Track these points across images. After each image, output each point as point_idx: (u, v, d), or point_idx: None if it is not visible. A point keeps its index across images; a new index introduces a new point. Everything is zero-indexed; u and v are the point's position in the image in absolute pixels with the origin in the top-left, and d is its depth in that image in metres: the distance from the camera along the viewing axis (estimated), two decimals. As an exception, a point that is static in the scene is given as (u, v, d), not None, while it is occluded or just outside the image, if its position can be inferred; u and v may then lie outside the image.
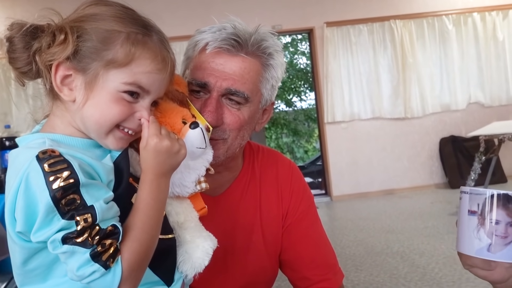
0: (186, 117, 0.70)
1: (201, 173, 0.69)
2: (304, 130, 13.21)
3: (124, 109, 0.61)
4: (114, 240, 0.54)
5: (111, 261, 0.53)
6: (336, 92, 5.35)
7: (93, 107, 0.60)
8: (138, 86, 0.61)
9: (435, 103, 5.47)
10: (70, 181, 0.53)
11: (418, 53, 5.42)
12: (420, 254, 2.78)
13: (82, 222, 0.52)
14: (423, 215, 3.89)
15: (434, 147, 5.51)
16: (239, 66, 0.80)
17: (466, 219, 0.61)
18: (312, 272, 0.92)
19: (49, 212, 0.52)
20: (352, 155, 5.41)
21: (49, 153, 0.54)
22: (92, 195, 0.54)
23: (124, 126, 0.62)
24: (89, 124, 0.61)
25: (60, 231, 0.52)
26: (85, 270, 0.52)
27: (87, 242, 0.52)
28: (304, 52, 12.57)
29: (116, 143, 0.63)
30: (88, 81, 0.60)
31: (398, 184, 5.40)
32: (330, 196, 5.43)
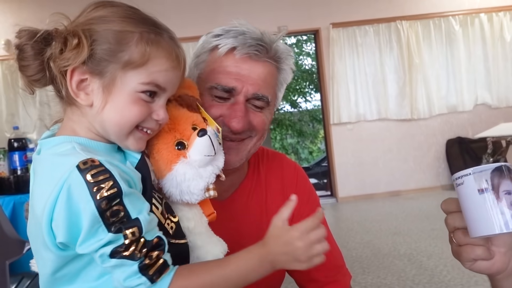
0: (196, 122, 0.70)
1: (211, 180, 0.68)
2: (309, 131, 13.20)
3: (143, 110, 0.60)
4: (161, 251, 0.55)
5: (157, 276, 0.54)
6: (342, 93, 5.34)
7: (113, 110, 0.60)
8: (155, 85, 0.61)
9: (441, 104, 5.45)
10: (113, 191, 0.53)
11: (424, 54, 5.41)
12: (427, 256, 2.76)
13: (130, 235, 0.53)
14: (430, 217, 3.87)
15: (441, 149, 5.49)
16: (262, 71, 0.80)
17: (477, 200, 0.59)
18: (320, 273, 0.91)
19: (94, 223, 0.52)
20: (357, 156, 5.40)
21: (90, 163, 0.53)
22: (134, 206, 0.55)
23: (143, 126, 0.62)
24: (109, 127, 0.61)
25: (107, 244, 0.52)
26: (132, 282, 0.53)
27: (135, 255, 0.53)
28: (309, 53, 12.56)
29: (136, 143, 0.63)
30: (106, 84, 0.59)
31: (404, 186, 5.39)
32: (335, 198, 5.42)
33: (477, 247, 0.62)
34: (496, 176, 0.58)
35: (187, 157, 0.66)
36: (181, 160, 0.66)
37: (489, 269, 0.64)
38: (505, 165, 0.59)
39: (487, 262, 0.63)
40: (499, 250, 0.63)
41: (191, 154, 0.66)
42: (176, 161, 0.66)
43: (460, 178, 0.61)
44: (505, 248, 0.63)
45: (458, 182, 0.61)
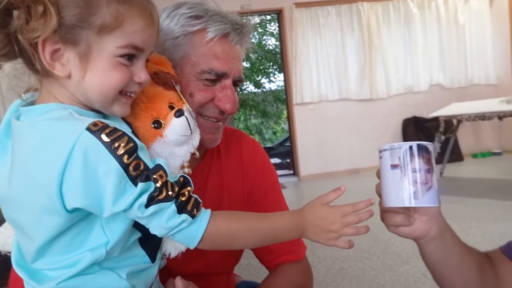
0: (173, 100, 0.70)
1: (186, 158, 0.69)
2: (272, 111, 13.26)
3: (124, 74, 0.59)
4: (190, 187, 0.59)
5: (195, 211, 0.57)
6: (305, 74, 5.40)
7: (93, 79, 0.57)
8: (133, 47, 0.58)
9: (399, 85, 5.65)
10: (130, 145, 0.54)
11: (383, 35, 5.54)
12: (382, 229, 2.85)
13: (159, 178, 0.55)
14: (386, 193, 4.05)
15: (398, 128, 5.71)
16: (240, 54, 0.84)
17: (390, 174, 0.65)
18: (277, 245, 0.94)
19: (121, 180, 0.52)
20: (319, 136, 5.52)
21: (100, 125, 0.53)
22: (147, 157, 0.56)
23: (126, 90, 0.61)
24: (93, 97, 0.59)
25: (141, 195, 0.53)
26: (174, 221, 0.56)
27: (169, 196, 0.55)
28: (273, 33, 12.51)
29: (121, 108, 0.62)
30: (82, 52, 0.56)
31: (363, 164, 5.58)
32: (298, 176, 5.54)
33: (397, 214, 0.69)
34: (408, 154, 0.64)
35: (164, 137, 0.66)
36: (158, 140, 0.66)
37: (410, 235, 0.70)
38: (418, 144, 0.64)
39: (408, 228, 0.69)
40: (420, 218, 0.69)
41: (168, 134, 0.66)
42: (153, 140, 0.66)
43: (381, 152, 0.66)
44: (427, 216, 0.69)
45: (380, 155, 0.67)
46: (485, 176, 4.51)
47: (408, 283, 2.09)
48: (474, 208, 3.26)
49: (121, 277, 0.61)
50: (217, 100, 0.81)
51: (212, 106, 0.81)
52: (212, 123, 0.83)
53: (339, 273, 2.29)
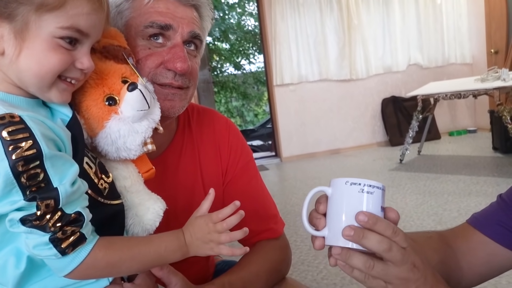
0: (126, 74, 0.66)
1: (147, 134, 0.66)
2: (253, 93, 13.19)
3: (63, 58, 0.55)
4: (77, 227, 0.52)
5: (70, 249, 0.52)
6: (284, 54, 5.35)
7: (29, 59, 0.53)
8: (76, 30, 0.55)
9: (378, 64, 5.68)
10: (32, 152, 0.48)
11: (362, 14, 5.53)
12: None
13: (43, 207, 0.49)
14: (366, 172, 4.14)
15: (377, 107, 5.77)
16: (191, 14, 0.79)
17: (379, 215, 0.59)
18: (254, 223, 0.91)
19: (7, 184, 0.48)
20: (300, 117, 5.53)
21: (8, 119, 0.48)
22: (57, 170, 0.51)
23: (66, 76, 0.57)
24: (27, 78, 0.55)
25: (19, 210, 0.49)
26: (41, 251, 0.51)
27: (47, 227, 0.50)
28: (252, 13, 12.33)
29: (60, 95, 0.58)
30: (18, 29, 0.52)
31: (344, 144, 5.65)
32: (280, 158, 5.56)
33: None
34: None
35: (119, 113, 0.63)
36: (113, 117, 0.62)
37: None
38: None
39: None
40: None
41: (123, 110, 0.63)
42: (108, 117, 0.62)
43: (373, 187, 0.59)
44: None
45: (370, 189, 0.59)
46: (461, 153, 4.63)
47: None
48: (450, 184, 3.36)
49: None
50: (166, 61, 0.76)
51: (164, 71, 0.76)
52: (167, 89, 0.77)
53: (321, 251, 2.33)
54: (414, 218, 2.67)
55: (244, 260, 0.91)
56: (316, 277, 2.07)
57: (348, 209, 0.58)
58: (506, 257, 0.74)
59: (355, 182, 0.59)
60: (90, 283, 0.60)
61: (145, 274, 0.67)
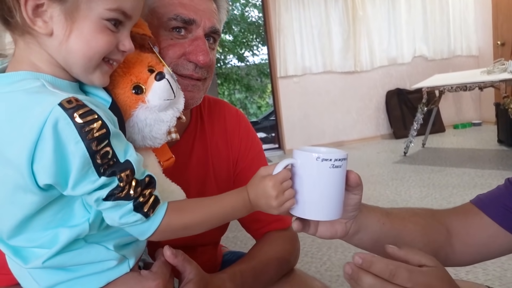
0: (152, 63, 0.66)
1: (172, 123, 0.67)
2: (257, 85, 13.14)
3: (110, 39, 0.56)
4: (153, 188, 0.57)
5: (151, 211, 0.56)
6: (288, 46, 5.32)
7: (79, 40, 0.54)
8: (121, 12, 0.56)
9: (382, 56, 5.64)
10: (102, 131, 0.51)
11: (368, 6, 5.48)
12: (366, 200, 2.89)
13: (124, 178, 0.53)
14: (370, 164, 4.13)
15: (381, 100, 5.74)
16: (211, 7, 0.80)
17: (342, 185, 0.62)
18: (264, 214, 0.95)
19: (84, 165, 0.50)
20: (303, 109, 5.51)
21: (75, 103, 0.49)
22: (120, 146, 0.54)
23: (109, 57, 0.58)
24: (75, 59, 0.55)
25: (102, 187, 0.52)
26: (128, 219, 0.54)
27: (130, 195, 0.53)
28: (255, 4, 12.24)
29: (102, 77, 0.59)
30: (69, 10, 0.52)
31: (348, 136, 5.63)
32: (283, 150, 5.56)
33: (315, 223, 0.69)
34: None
35: (146, 102, 0.63)
36: (140, 106, 0.63)
37: (333, 237, 0.70)
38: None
39: (329, 233, 0.69)
40: (339, 221, 0.69)
41: (150, 99, 0.63)
42: (135, 106, 0.63)
43: (340, 161, 0.61)
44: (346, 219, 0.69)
45: (336, 164, 0.61)
46: (466, 146, 4.61)
47: (391, 250, 2.14)
48: (455, 177, 3.34)
49: (108, 249, 0.59)
50: (188, 53, 0.77)
51: (185, 63, 0.77)
52: (187, 80, 0.79)
53: (324, 243, 2.34)
54: (418, 210, 2.66)
55: (254, 250, 0.92)
56: (320, 269, 2.07)
57: (318, 184, 0.61)
58: (507, 241, 0.73)
59: (326, 158, 0.60)
60: (112, 268, 0.61)
61: (161, 262, 0.68)
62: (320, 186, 0.61)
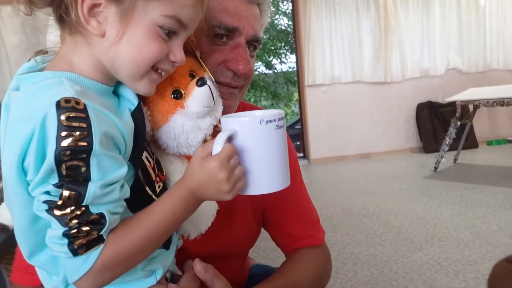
0: (193, 68, 0.64)
1: (209, 132, 0.64)
2: (283, 93, 13.13)
3: (161, 47, 0.53)
4: (95, 230, 0.47)
5: (83, 250, 0.47)
6: (318, 54, 5.26)
7: (129, 44, 0.52)
8: (177, 21, 0.53)
9: (414, 68, 5.49)
10: (82, 143, 0.45)
11: (401, 16, 5.37)
12: (395, 214, 2.87)
13: (65, 198, 0.46)
14: (398, 178, 4.00)
15: (411, 112, 5.59)
16: (254, 13, 0.77)
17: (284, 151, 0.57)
18: (296, 228, 0.91)
19: (48, 169, 0.45)
20: (331, 119, 5.43)
21: (72, 103, 0.46)
22: (101, 168, 0.47)
23: (158, 67, 0.56)
24: (123, 64, 0.53)
25: (46, 193, 0.46)
26: (54, 245, 0.47)
27: (65, 219, 0.46)
28: (285, 12, 12.26)
29: (150, 86, 0.56)
30: (124, 12, 0.51)
31: (375, 148, 5.50)
32: (308, 159, 5.48)
33: None
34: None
35: (185, 108, 0.61)
36: (179, 111, 0.61)
37: None
38: None
39: None
40: None
41: (189, 105, 0.61)
42: (173, 111, 0.61)
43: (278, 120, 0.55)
44: None
45: (277, 124, 0.55)
46: (501, 164, 4.41)
47: (421, 270, 2.05)
48: (490, 196, 3.19)
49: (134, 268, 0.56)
50: (228, 60, 0.74)
51: (224, 70, 0.75)
52: (225, 88, 0.76)
53: (350, 258, 2.26)
54: (450, 229, 2.54)
55: (284, 268, 0.88)
56: (345, 285, 2.00)
57: (268, 151, 0.55)
58: None
59: (270, 119, 0.54)
60: (137, 281, 0.58)
61: (190, 276, 0.64)
62: (271, 153, 0.55)
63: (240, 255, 0.97)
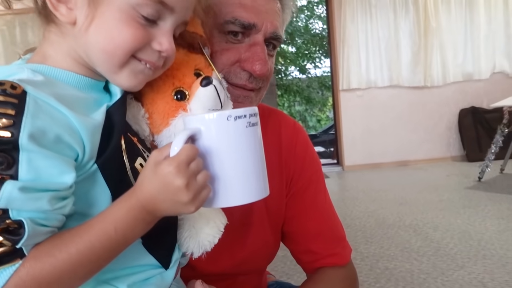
0: (200, 66, 0.58)
1: None
2: (317, 98, 13.00)
3: (138, 33, 0.46)
4: (8, 241, 0.38)
5: None
6: (353, 58, 5.14)
7: (98, 31, 0.46)
8: (159, 1, 0.46)
9: (456, 71, 5.24)
10: (5, 134, 0.38)
11: (442, 17, 5.15)
12: (434, 228, 2.69)
13: None
14: (438, 188, 3.78)
15: (453, 118, 5.33)
16: (274, 8, 0.70)
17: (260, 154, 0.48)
18: (318, 245, 0.83)
19: None
20: (366, 124, 5.27)
21: (7, 87, 0.40)
22: (33, 169, 0.39)
23: (140, 57, 0.48)
24: (95, 54, 0.47)
25: None
26: None
27: None
28: (320, 16, 12.12)
29: (133, 79, 0.49)
30: None
31: (413, 156, 5.28)
32: (341, 166, 5.35)
33: None
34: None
35: (188, 111, 0.55)
36: (181, 114, 0.55)
37: None
38: None
39: None
40: None
41: (193, 107, 0.54)
42: (174, 114, 0.54)
43: (251, 116, 0.47)
44: None
45: (248, 121, 0.46)
46: (553, 175, 4.07)
47: (463, 291, 1.88)
48: (541, 210, 2.92)
49: None
50: (243, 60, 0.67)
51: (239, 70, 0.67)
52: (240, 90, 0.68)
53: (383, 273, 2.12)
54: (496, 246, 2.33)
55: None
56: (377, 303, 1.86)
57: (238, 152, 0.46)
58: None
59: (240, 115, 0.45)
60: None
61: None
62: (242, 155, 0.46)
63: (256, 272, 0.89)
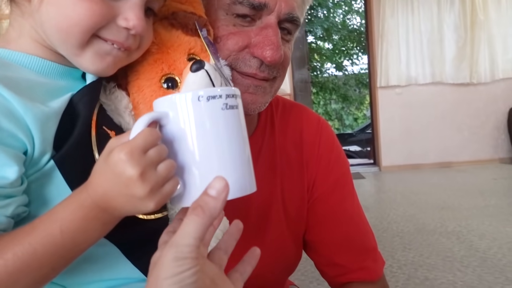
0: (194, 50, 0.51)
1: None
2: (354, 96, 12.71)
3: (97, 8, 0.40)
4: None
5: None
6: (392, 54, 4.95)
7: (51, 5, 0.41)
8: None
9: (507, 67, 4.94)
10: None
11: (490, 9, 4.87)
12: (479, 236, 2.51)
13: None
14: (484, 193, 3.55)
15: (502, 118, 5.03)
16: None
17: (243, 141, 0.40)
18: (344, 257, 0.75)
19: None
20: (405, 123, 5.08)
21: None
22: None
23: (104, 37, 0.42)
24: (52, 33, 0.42)
25: None
26: None
27: None
28: (358, 11, 11.82)
29: (100, 61, 0.43)
30: None
31: (457, 157, 5.04)
32: (378, 166, 5.18)
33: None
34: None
35: None
36: None
37: None
38: None
39: None
40: None
41: None
42: None
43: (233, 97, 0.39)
44: None
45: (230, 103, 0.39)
46: None
47: (513, 308, 1.71)
48: None
49: None
50: (253, 45, 0.59)
51: (248, 57, 0.60)
52: (250, 79, 0.61)
53: (423, 284, 1.98)
54: (552, 259, 2.13)
55: None
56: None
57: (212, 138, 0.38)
58: None
59: (214, 94, 0.38)
60: None
61: None
62: (217, 141, 0.38)
63: (275, 285, 0.81)
